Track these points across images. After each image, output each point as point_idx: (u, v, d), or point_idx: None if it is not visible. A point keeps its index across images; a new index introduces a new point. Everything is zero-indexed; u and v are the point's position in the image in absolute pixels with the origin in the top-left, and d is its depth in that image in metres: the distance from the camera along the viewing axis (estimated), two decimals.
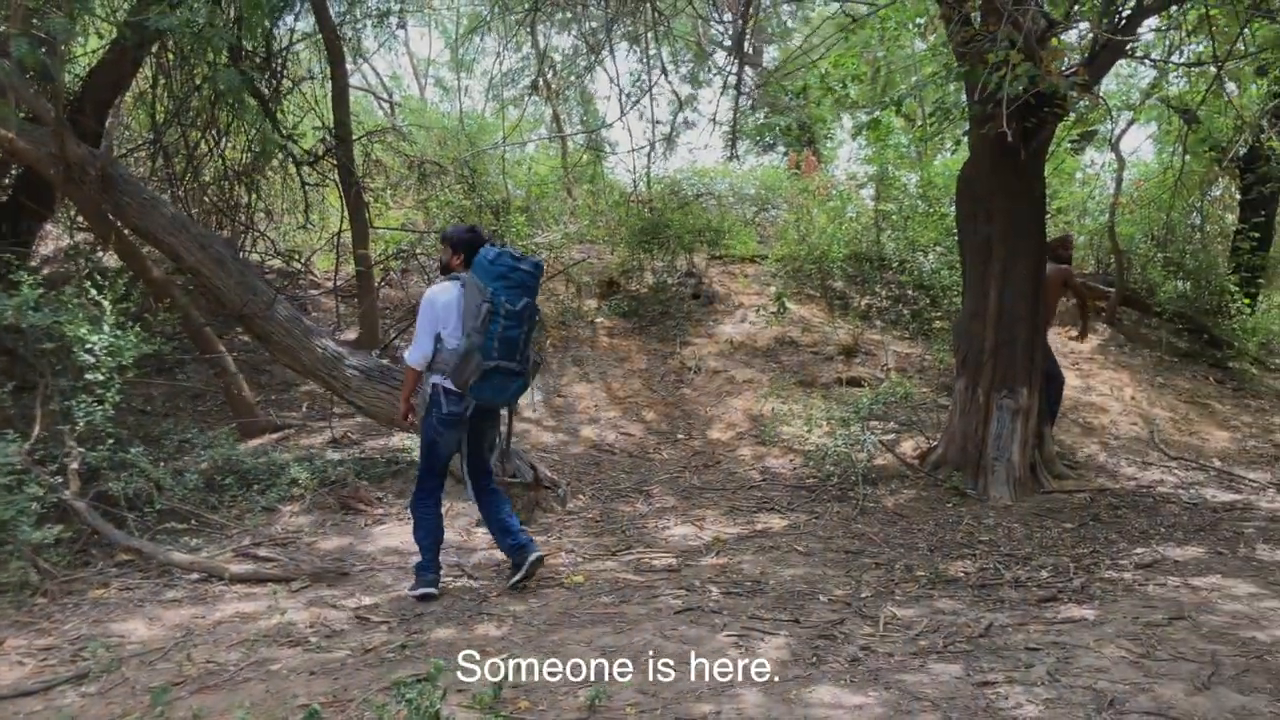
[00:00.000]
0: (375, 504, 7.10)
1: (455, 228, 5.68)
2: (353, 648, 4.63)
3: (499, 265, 5.21)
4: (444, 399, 5.36)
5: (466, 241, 5.46)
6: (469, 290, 5.22)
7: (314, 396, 9.07)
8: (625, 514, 7.20)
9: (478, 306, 5.15)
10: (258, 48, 10.08)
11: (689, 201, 14.61)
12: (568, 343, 10.70)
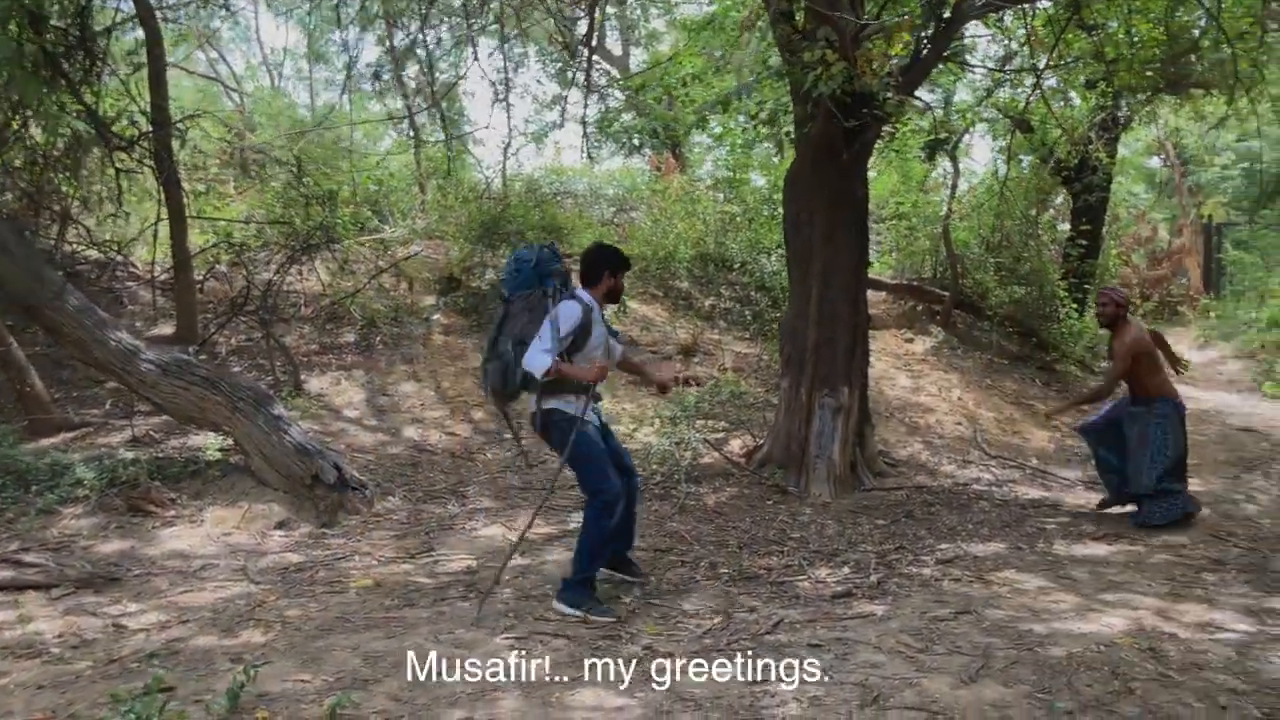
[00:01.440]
0: (168, 505, 6.69)
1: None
2: (98, 658, 4.29)
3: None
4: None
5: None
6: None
7: (119, 394, 8.54)
8: (435, 515, 6.96)
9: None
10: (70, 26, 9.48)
11: (545, 200, 14.44)
12: (398, 340, 10.37)
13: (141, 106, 10.00)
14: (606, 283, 5.13)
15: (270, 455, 6.89)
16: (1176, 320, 18.89)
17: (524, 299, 4.98)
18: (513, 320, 4.98)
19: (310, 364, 9.80)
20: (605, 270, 5.11)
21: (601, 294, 5.13)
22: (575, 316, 4.87)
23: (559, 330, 4.78)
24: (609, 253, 5.21)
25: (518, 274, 5.01)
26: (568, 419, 4.95)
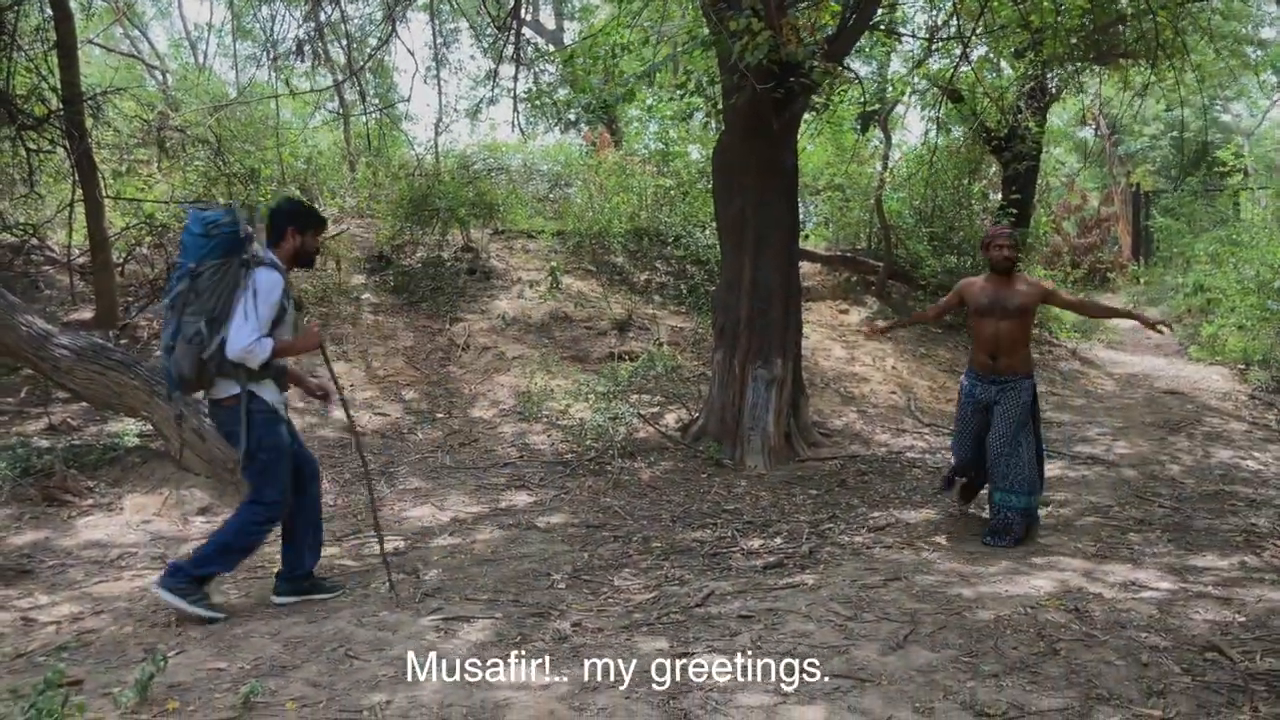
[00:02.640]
0: (85, 494, 6.49)
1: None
2: (4, 653, 4.13)
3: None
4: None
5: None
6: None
7: (35, 380, 8.26)
8: (362, 498, 6.83)
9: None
10: None
11: (478, 176, 14.24)
12: (327, 320, 10.16)
13: (52, 84, 9.64)
14: (291, 241, 4.55)
15: (191, 440, 6.71)
16: (1106, 286, 19.25)
17: (216, 269, 4.29)
18: (204, 296, 4.28)
19: None
20: (289, 227, 4.55)
21: (287, 255, 4.55)
22: (279, 287, 4.36)
23: (262, 305, 4.27)
24: (294, 207, 4.69)
25: (206, 240, 4.30)
26: (268, 410, 4.45)
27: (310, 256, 4.68)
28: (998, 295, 5.68)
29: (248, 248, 4.35)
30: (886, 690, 3.54)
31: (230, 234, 4.31)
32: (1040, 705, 3.38)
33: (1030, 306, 5.69)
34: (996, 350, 5.71)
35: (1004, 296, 5.66)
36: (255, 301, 4.25)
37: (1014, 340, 5.68)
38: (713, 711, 3.38)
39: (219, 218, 4.33)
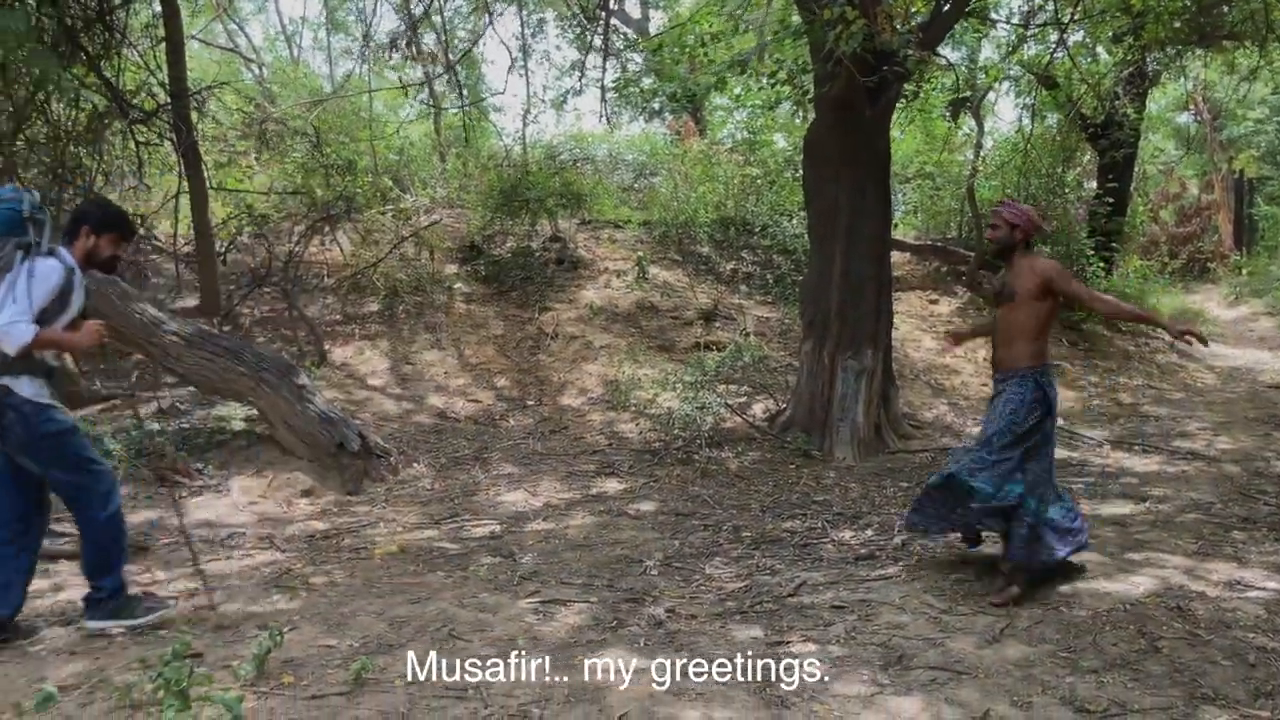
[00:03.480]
0: (195, 476, 6.76)
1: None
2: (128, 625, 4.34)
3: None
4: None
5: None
6: None
7: (145, 365, 8.62)
8: (459, 482, 7.00)
9: None
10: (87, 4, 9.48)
11: (565, 166, 14.39)
12: (421, 309, 10.40)
13: (160, 79, 10.01)
14: (84, 242, 4.20)
15: (295, 425, 6.94)
16: (1206, 277, 18.66)
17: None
18: None
19: (334, 334, 9.85)
20: (84, 226, 4.22)
21: (79, 255, 4.19)
22: (54, 279, 4.00)
23: (36, 289, 3.92)
24: (89, 208, 4.40)
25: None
26: (32, 405, 4.05)
27: (103, 262, 4.30)
28: (1006, 281, 4.94)
29: (30, 231, 4.01)
30: (983, 683, 3.54)
31: (9, 212, 3.99)
32: (1143, 703, 3.35)
33: (1028, 294, 4.79)
34: (997, 341, 4.97)
35: (1010, 281, 4.90)
36: (29, 284, 3.92)
37: (1013, 330, 4.86)
38: (809, 699, 3.41)
39: (3, 194, 4.06)
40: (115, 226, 4.31)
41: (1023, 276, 4.81)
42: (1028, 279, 4.79)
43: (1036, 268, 4.81)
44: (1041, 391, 4.78)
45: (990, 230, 4.94)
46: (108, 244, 4.28)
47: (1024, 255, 4.88)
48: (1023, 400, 4.74)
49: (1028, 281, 4.79)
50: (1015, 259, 4.87)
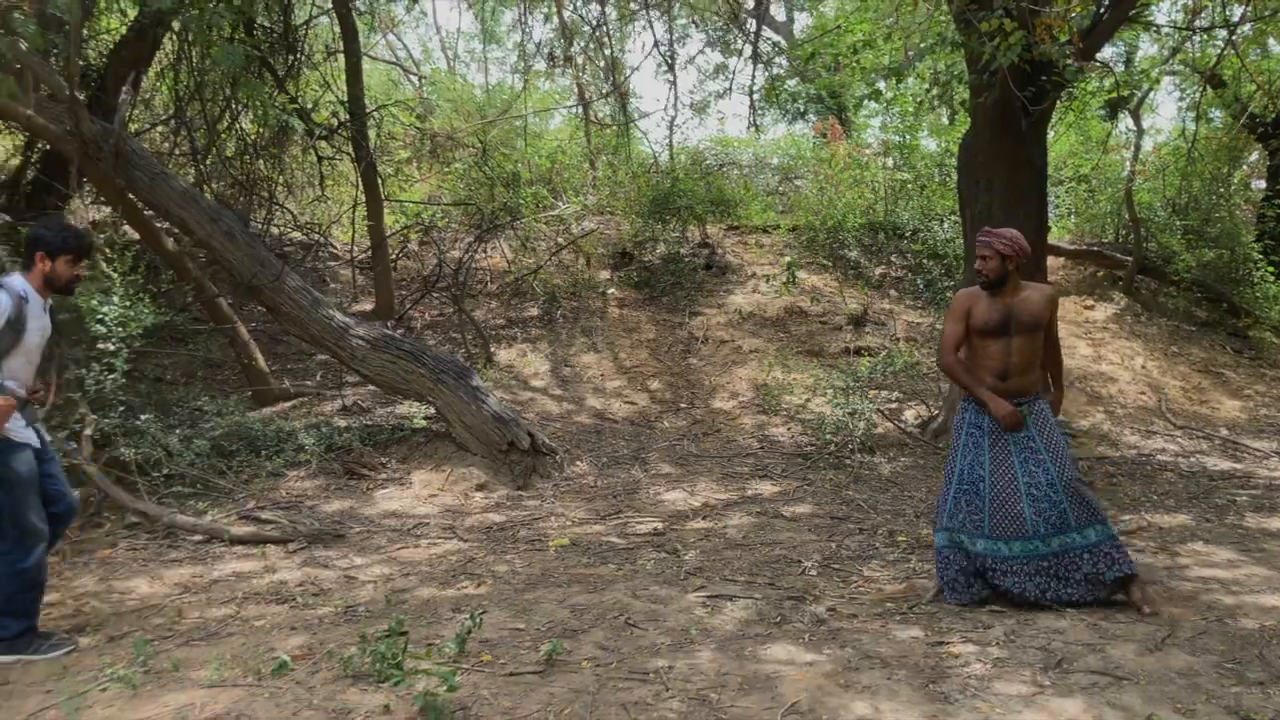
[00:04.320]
0: (379, 469, 7.31)
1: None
2: (336, 605, 4.83)
3: None
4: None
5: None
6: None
7: (328, 365, 9.29)
8: (620, 480, 7.35)
9: None
10: (275, 23, 10.26)
11: (711, 172, 14.66)
12: (578, 313, 10.84)
13: (339, 96, 10.74)
14: (41, 267, 4.24)
15: (470, 423, 7.42)
16: None
17: None
18: None
19: (498, 337, 10.37)
20: (37, 252, 4.24)
21: (38, 282, 4.26)
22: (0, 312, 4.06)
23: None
24: (41, 231, 4.29)
25: None
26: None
27: (64, 284, 4.34)
28: (1010, 310, 4.74)
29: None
30: (1145, 689, 3.64)
31: None
32: None
33: (1041, 320, 4.74)
34: (1008, 369, 4.79)
35: (1016, 310, 4.73)
36: None
37: (1032, 357, 4.81)
38: (972, 696, 3.59)
39: None
40: (69, 248, 4.28)
41: (1032, 304, 4.75)
42: (1038, 306, 4.75)
43: (1047, 295, 4.82)
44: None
45: (980, 262, 4.78)
46: (64, 266, 4.28)
47: (1020, 283, 4.81)
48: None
49: (1039, 308, 4.75)
50: (1011, 287, 4.77)
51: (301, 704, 3.50)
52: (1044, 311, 4.75)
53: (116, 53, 9.85)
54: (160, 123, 11.52)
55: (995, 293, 4.76)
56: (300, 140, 11.24)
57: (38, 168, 9.93)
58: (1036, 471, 4.68)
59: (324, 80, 11.02)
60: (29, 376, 4.33)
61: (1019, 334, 4.74)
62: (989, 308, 4.77)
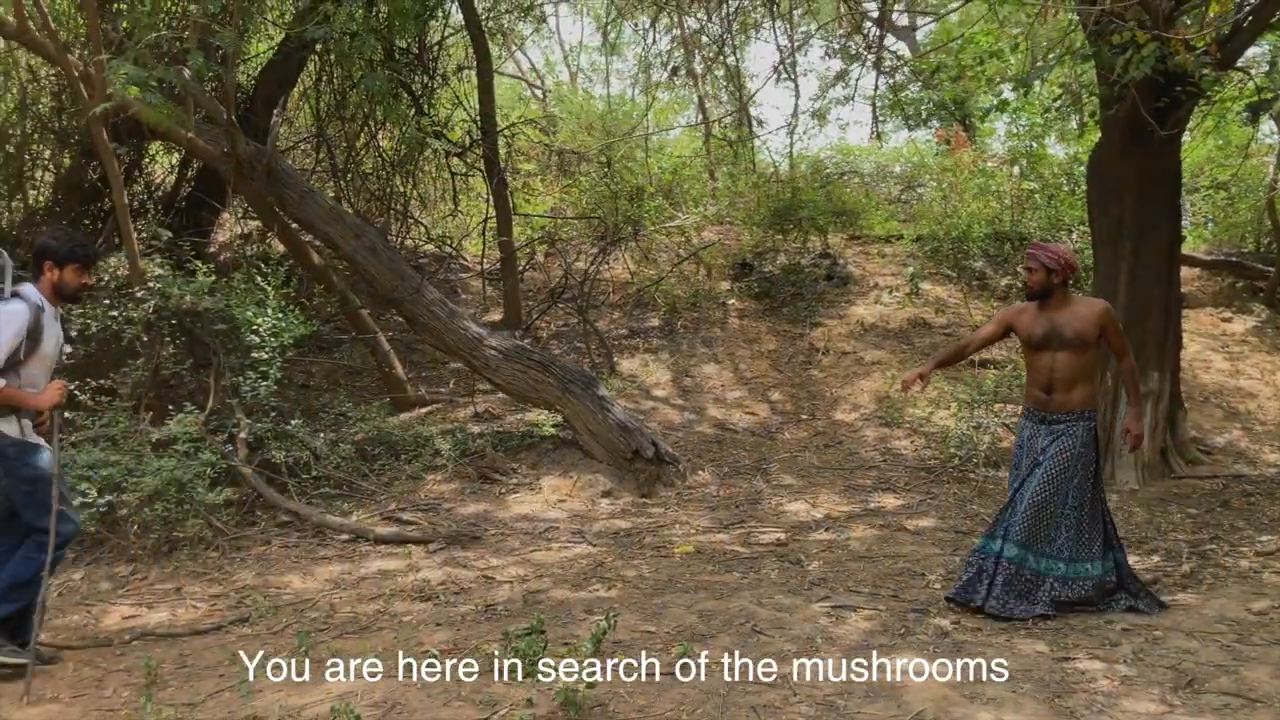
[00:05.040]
0: (510, 474, 7.61)
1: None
2: (477, 603, 5.11)
3: None
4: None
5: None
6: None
7: (460, 373, 9.66)
8: (742, 490, 7.49)
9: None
10: (411, 45, 10.73)
11: (831, 181, 14.66)
12: (698, 324, 11.02)
13: (470, 113, 11.16)
14: (49, 276, 4.34)
15: (596, 431, 7.66)
16: None
17: None
18: None
19: (620, 347, 10.63)
20: (45, 261, 4.34)
21: (47, 291, 4.36)
22: (18, 323, 4.18)
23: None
24: (49, 242, 4.40)
25: None
26: (13, 444, 4.27)
27: (71, 292, 4.45)
28: (1054, 323, 4.81)
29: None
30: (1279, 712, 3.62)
31: None
32: None
33: (1087, 337, 4.78)
34: (1052, 383, 4.86)
35: (1060, 324, 4.80)
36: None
37: (1074, 373, 4.83)
38: (1099, 713, 3.62)
39: None
40: (75, 257, 4.38)
41: (1078, 320, 4.78)
42: (1085, 323, 4.78)
43: (1096, 311, 4.83)
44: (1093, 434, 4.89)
45: (1028, 274, 4.90)
46: (72, 275, 4.38)
47: (1067, 297, 4.87)
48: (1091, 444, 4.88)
49: (1084, 325, 4.78)
50: (1058, 301, 4.83)
51: (451, 695, 3.75)
52: (1091, 327, 4.78)
53: (264, 75, 10.43)
54: (303, 140, 12.13)
55: (1041, 306, 4.86)
56: (434, 156, 11.70)
57: (192, 184, 10.57)
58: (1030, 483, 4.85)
59: (456, 98, 11.46)
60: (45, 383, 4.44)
61: (1062, 349, 4.80)
62: (1033, 321, 4.89)
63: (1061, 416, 4.85)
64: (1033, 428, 4.97)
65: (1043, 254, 4.82)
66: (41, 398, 4.32)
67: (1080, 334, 4.78)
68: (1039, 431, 4.92)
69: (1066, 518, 4.83)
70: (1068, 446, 4.81)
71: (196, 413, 6.81)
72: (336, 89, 10.89)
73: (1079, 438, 4.82)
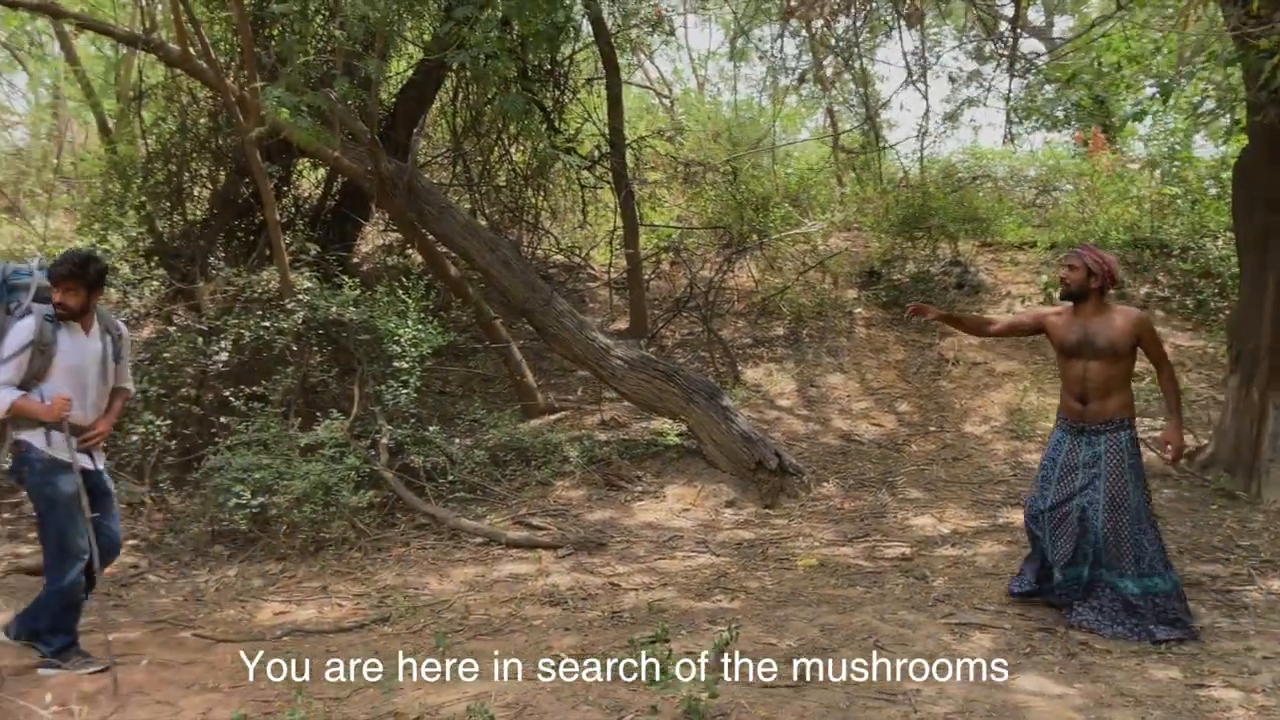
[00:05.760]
0: (635, 482, 7.78)
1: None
2: (603, 610, 5.28)
3: None
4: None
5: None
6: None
7: (587, 381, 9.88)
8: (867, 503, 7.48)
9: None
10: (542, 61, 11.03)
11: (963, 185, 14.41)
12: (824, 333, 11.00)
13: (599, 126, 11.39)
14: (55, 294, 4.47)
15: (720, 441, 7.76)
16: None
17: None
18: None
19: (745, 356, 10.70)
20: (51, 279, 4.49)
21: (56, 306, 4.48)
22: (24, 336, 4.38)
23: (6, 357, 4.34)
24: (57, 261, 4.52)
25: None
26: (40, 459, 4.44)
27: (65, 310, 4.48)
28: (1087, 331, 4.83)
29: (13, 296, 4.51)
30: None
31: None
32: None
33: (1121, 347, 4.76)
34: (1086, 393, 4.85)
35: (1093, 332, 4.80)
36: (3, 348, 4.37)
37: (1108, 382, 4.81)
38: None
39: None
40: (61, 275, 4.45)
41: (1112, 329, 4.77)
42: (1119, 333, 4.76)
43: (1131, 321, 4.81)
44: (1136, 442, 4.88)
45: (1067, 271, 4.87)
46: (60, 293, 4.46)
47: (1103, 304, 4.85)
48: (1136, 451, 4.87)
49: (1118, 335, 4.76)
50: (1092, 307, 4.84)
51: (579, 699, 3.91)
52: (1124, 337, 4.77)
53: (404, 93, 10.89)
54: (440, 155, 12.58)
55: (1076, 311, 4.89)
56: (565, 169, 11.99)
57: (337, 199, 11.09)
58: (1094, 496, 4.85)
59: (585, 112, 11.72)
60: (80, 400, 4.53)
61: (1094, 358, 4.81)
62: (1067, 326, 4.92)
63: (1099, 426, 4.85)
64: (1072, 440, 4.95)
65: (1088, 255, 4.85)
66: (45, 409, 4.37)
67: (1113, 343, 4.77)
68: (1078, 444, 4.91)
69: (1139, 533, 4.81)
70: (1117, 464, 4.81)
71: (341, 419, 7.21)
72: (472, 105, 11.28)
73: (1124, 448, 4.82)
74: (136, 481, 7.22)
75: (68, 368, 4.47)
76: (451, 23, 7.17)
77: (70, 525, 4.43)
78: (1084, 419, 4.89)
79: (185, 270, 9.05)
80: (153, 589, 6.18)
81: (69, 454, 4.42)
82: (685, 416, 8.02)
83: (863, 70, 17.11)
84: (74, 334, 4.53)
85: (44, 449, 4.42)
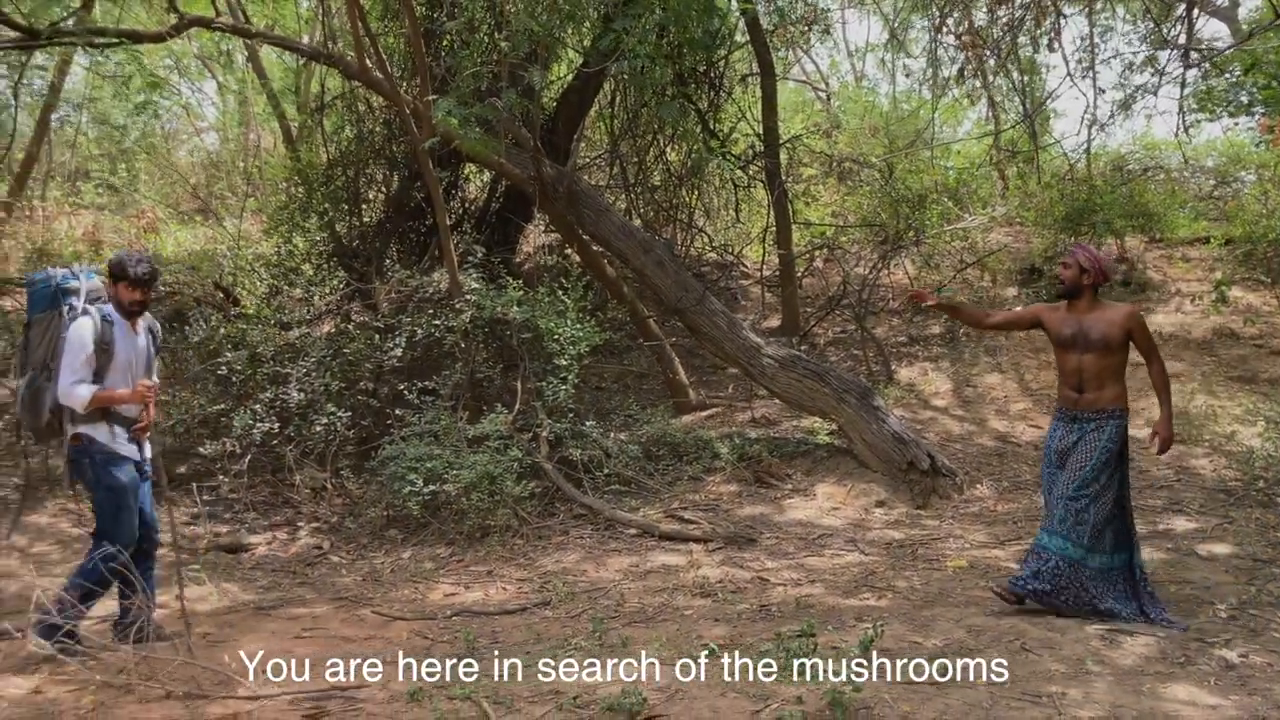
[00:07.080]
0: (785, 479, 7.92)
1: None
2: (752, 603, 5.46)
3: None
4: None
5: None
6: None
7: (738, 379, 10.06)
8: (1021, 506, 7.41)
9: None
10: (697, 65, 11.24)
11: (1133, 178, 13.89)
12: (981, 332, 10.83)
13: (753, 125, 11.53)
14: (112, 291, 4.77)
15: (871, 441, 7.82)
16: None
17: (42, 323, 4.75)
18: (34, 348, 4.75)
19: (899, 355, 10.67)
20: (109, 278, 4.79)
21: (114, 305, 4.77)
22: (84, 336, 4.61)
23: (76, 355, 4.58)
24: (113, 259, 4.80)
25: (33, 295, 4.79)
26: (101, 451, 4.70)
27: (125, 307, 4.78)
28: (1081, 325, 5.05)
29: (66, 300, 4.73)
30: None
31: (42, 290, 4.76)
32: None
33: (1114, 341, 4.97)
34: (1082, 383, 5.08)
35: (1087, 326, 5.03)
36: (66, 348, 4.60)
37: (1102, 373, 5.02)
38: None
39: (36, 277, 4.83)
40: (120, 275, 4.75)
41: (1104, 323, 4.99)
42: (1111, 327, 4.98)
43: (1123, 315, 5.02)
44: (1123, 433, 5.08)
45: (1062, 269, 5.15)
46: (125, 291, 4.75)
47: (1094, 301, 5.08)
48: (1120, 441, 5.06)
49: (1110, 329, 4.98)
50: (1084, 303, 5.07)
51: (727, 687, 4.11)
52: (1117, 331, 4.99)
53: (564, 98, 11.27)
54: (598, 157, 12.96)
55: (1070, 307, 5.14)
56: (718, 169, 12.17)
57: (500, 202, 11.59)
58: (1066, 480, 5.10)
59: (740, 111, 11.87)
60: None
61: (1088, 351, 5.05)
62: (1062, 321, 5.17)
63: (1091, 414, 5.08)
64: (1065, 428, 5.19)
65: (1082, 254, 5.10)
66: (128, 395, 4.69)
67: (1106, 337, 4.99)
68: (1070, 430, 5.15)
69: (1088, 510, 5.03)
70: (1094, 443, 5.02)
71: (505, 413, 7.61)
72: (629, 109, 11.58)
73: (1107, 434, 5.03)
74: (319, 469, 7.81)
75: (122, 363, 4.77)
76: (612, 34, 7.45)
77: (125, 515, 4.72)
78: (1079, 407, 5.13)
79: (362, 270, 9.67)
80: (335, 569, 6.71)
81: (127, 447, 4.76)
82: (836, 416, 8.11)
83: (1031, 61, 16.67)
84: (126, 333, 4.82)
85: (107, 443, 4.71)
